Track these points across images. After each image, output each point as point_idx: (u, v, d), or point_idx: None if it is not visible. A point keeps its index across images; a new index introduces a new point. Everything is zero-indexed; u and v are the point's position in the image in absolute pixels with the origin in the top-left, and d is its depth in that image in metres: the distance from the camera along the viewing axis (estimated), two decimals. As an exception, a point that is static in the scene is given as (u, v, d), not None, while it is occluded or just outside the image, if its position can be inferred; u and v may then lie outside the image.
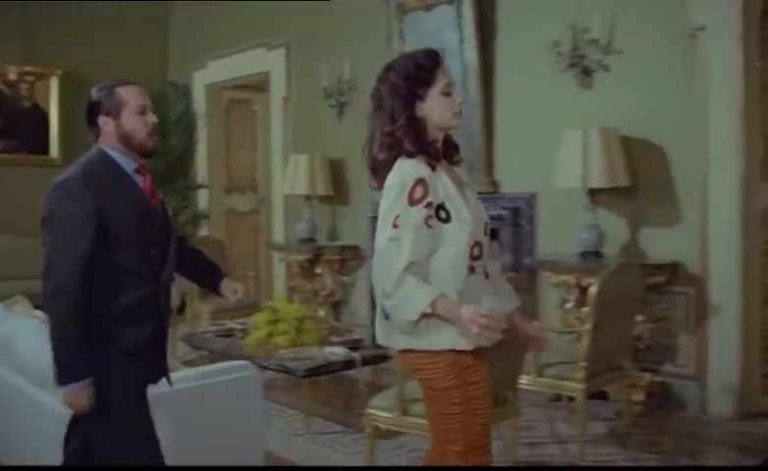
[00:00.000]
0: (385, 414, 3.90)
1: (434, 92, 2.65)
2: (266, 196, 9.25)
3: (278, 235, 8.51)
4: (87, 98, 2.91)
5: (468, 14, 6.18)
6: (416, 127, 2.63)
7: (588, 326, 4.30)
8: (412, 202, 2.54)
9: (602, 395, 5.18)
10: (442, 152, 2.71)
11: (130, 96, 2.89)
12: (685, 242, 5.21)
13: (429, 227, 2.55)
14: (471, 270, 2.62)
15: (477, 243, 2.63)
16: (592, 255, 5.32)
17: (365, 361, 4.90)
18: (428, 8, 6.52)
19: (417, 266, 2.53)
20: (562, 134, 5.41)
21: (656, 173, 5.36)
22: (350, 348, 4.93)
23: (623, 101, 5.50)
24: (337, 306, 7.50)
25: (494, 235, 6.23)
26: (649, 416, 5.14)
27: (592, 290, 4.29)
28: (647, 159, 5.39)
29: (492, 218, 6.06)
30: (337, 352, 4.84)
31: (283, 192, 8.08)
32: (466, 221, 2.60)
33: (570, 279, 5.29)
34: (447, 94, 2.67)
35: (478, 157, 6.23)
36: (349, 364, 4.81)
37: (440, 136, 2.70)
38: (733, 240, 5.03)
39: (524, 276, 5.89)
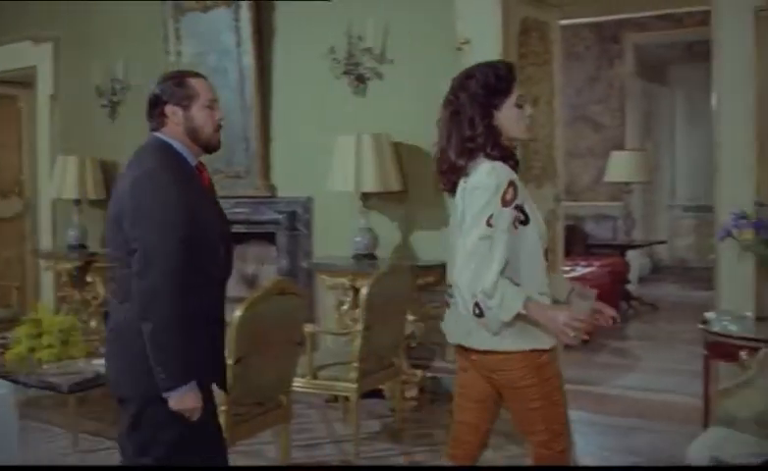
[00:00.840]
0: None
1: (509, 103, 2.73)
2: (32, 200, 8.65)
3: (46, 242, 7.97)
4: (157, 85, 2.77)
5: (246, 17, 6.15)
6: (495, 134, 2.70)
7: (360, 326, 4.42)
8: (505, 203, 2.60)
9: (378, 393, 5.33)
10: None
11: (201, 89, 2.78)
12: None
13: (515, 228, 2.64)
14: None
15: (548, 249, 2.80)
16: (366, 258, 5.47)
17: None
18: (206, 9, 6.40)
19: (506, 267, 2.59)
20: (336, 139, 5.52)
21: (426, 178, 5.57)
22: (120, 359, 4.71)
23: (395, 108, 5.71)
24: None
25: (271, 239, 6.26)
26: (422, 411, 5.37)
27: (363, 292, 4.41)
28: (418, 164, 5.62)
29: (269, 222, 6.21)
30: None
31: (50, 196, 7.58)
32: (539, 223, 2.73)
33: (344, 281, 5.41)
34: (519, 106, 2.75)
35: (255, 161, 6.21)
36: (119, 376, 4.59)
37: (510, 146, 2.77)
38: (494, 241, 5.36)
39: (302, 279, 5.96)
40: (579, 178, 10.93)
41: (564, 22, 6.46)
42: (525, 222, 2.68)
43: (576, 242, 9.71)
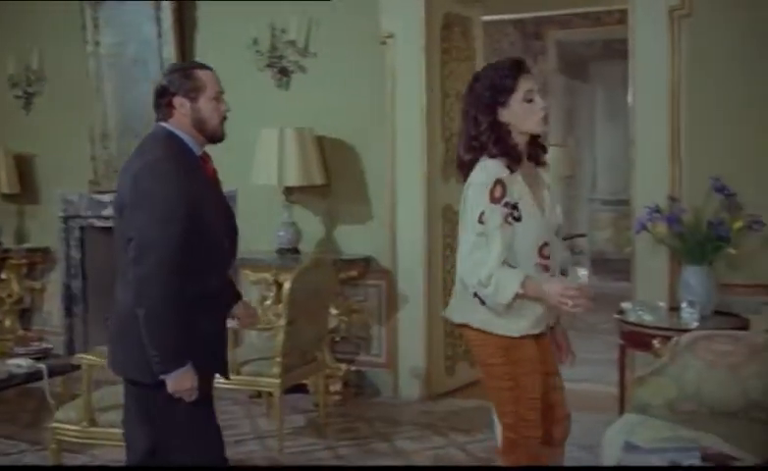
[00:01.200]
0: (71, 427, 3.69)
1: (516, 98, 2.79)
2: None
3: (-44, 239, 7.67)
4: (165, 76, 2.82)
5: (168, 7, 6.02)
6: (499, 131, 2.80)
7: (283, 321, 4.39)
8: (494, 200, 2.74)
9: (302, 388, 5.32)
10: (530, 154, 2.87)
11: (209, 80, 2.82)
12: (377, 238, 5.52)
13: (509, 224, 2.76)
14: (545, 268, 2.83)
15: (546, 244, 2.83)
16: (289, 252, 5.45)
17: (54, 371, 4.59)
18: (125, -2, 6.25)
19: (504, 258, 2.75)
20: (259, 133, 5.47)
21: (349, 172, 5.61)
22: (36, 359, 4.60)
23: (318, 102, 5.68)
24: (26, 314, 6.94)
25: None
26: (346, 404, 5.38)
27: (286, 287, 4.39)
28: (341, 158, 5.63)
29: None
30: (21, 364, 4.51)
31: (-40, 191, 7.29)
32: (535, 221, 2.80)
33: (268, 276, 5.37)
34: (529, 101, 2.79)
35: (177, 154, 6.09)
36: (34, 376, 4.48)
37: (523, 140, 2.84)
38: (418, 235, 5.42)
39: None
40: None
41: (487, 18, 6.54)
42: (518, 219, 2.78)
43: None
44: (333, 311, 5.29)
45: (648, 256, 4.75)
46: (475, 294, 2.79)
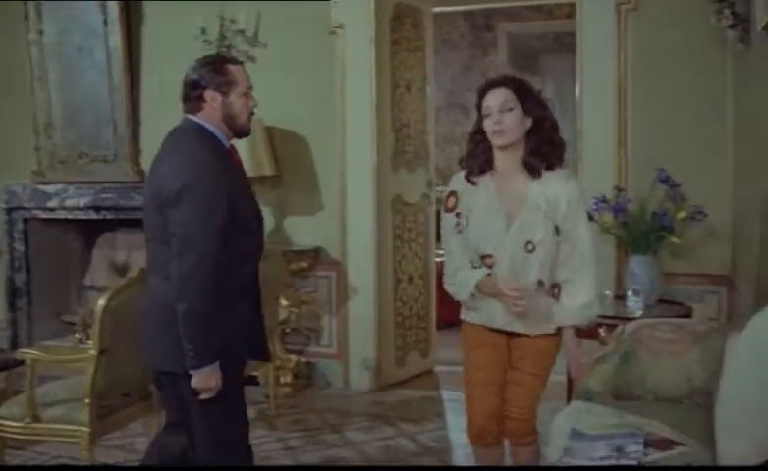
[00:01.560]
0: (14, 423, 3.61)
1: (484, 113, 3.00)
2: None
3: None
4: (196, 69, 2.82)
5: (113, -5, 5.91)
6: (475, 142, 3.06)
7: (232, 313, 4.35)
8: (447, 210, 3.09)
9: (252, 380, 5.28)
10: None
11: (240, 76, 2.85)
12: (327, 229, 5.51)
13: (459, 232, 3.04)
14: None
15: (489, 255, 3.00)
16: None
17: (-6, 367, 4.48)
18: (70, -14, 6.11)
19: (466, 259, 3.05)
20: (208, 123, 5.40)
21: (299, 162, 5.58)
22: (-25, 354, 4.49)
23: (267, 92, 5.57)
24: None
25: (142, 225, 6.06)
26: (297, 396, 5.36)
27: (235, 278, 4.35)
28: (291, 149, 5.59)
29: (139, 208, 5.95)
30: (-44, 360, 4.39)
31: None
32: (478, 233, 3.00)
33: (217, 267, 5.31)
34: (486, 115, 2.97)
35: (123, 145, 5.99)
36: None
37: (497, 152, 3.01)
38: (368, 226, 5.42)
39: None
40: (454, 163, 11.11)
41: (437, 9, 6.56)
42: (461, 231, 3.04)
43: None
44: (283, 302, 5.26)
45: (595, 246, 4.81)
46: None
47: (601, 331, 3.96)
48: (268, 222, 5.61)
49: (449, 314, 7.14)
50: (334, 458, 4.30)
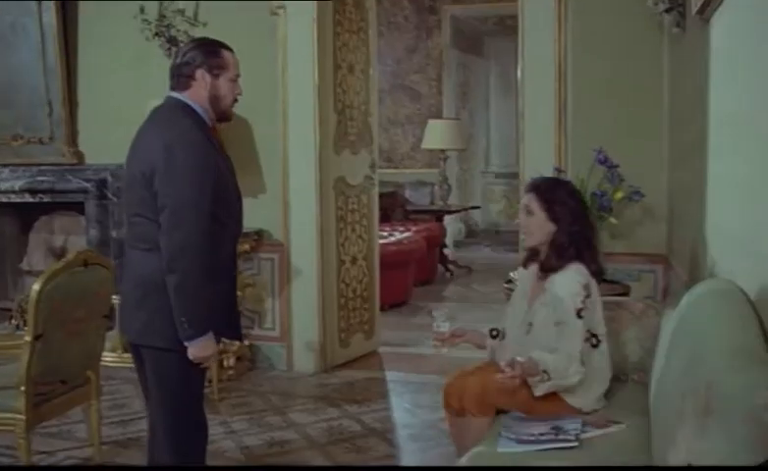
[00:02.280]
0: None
1: None
2: None
3: None
4: (190, 49, 2.90)
5: (49, -28, 5.75)
6: None
7: (173, 297, 4.29)
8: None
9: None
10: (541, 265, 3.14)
11: (231, 62, 2.91)
12: (270, 210, 5.47)
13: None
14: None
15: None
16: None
17: None
18: (1, -39, 5.92)
19: None
20: (147, 104, 5.30)
21: (240, 144, 5.50)
22: None
23: (209, 73, 5.55)
24: None
25: (80, 208, 5.96)
26: (240, 379, 5.34)
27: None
28: (233, 131, 5.48)
29: (76, 191, 5.90)
30: None
31: None
32: (508, 310, 3.36)
33: (158, 251, 5.24)
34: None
35: (60, 126, 5.86)
36: None
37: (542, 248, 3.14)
38: (311, 207, 5.40)
39: (113, 249, 5.73)
40: (399, 145, 11.17)
41: (381, -9, 6.52)
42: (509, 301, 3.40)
43: (395, 208, 9.95)
44: (226, 286, 5.22)
45: (535, 227, 4.88)
46: None
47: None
48: (210, 204, 5.57)
49: (392, 295, 7.23)
50: (278, 440, 4.29)
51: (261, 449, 4.19)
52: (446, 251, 9.36)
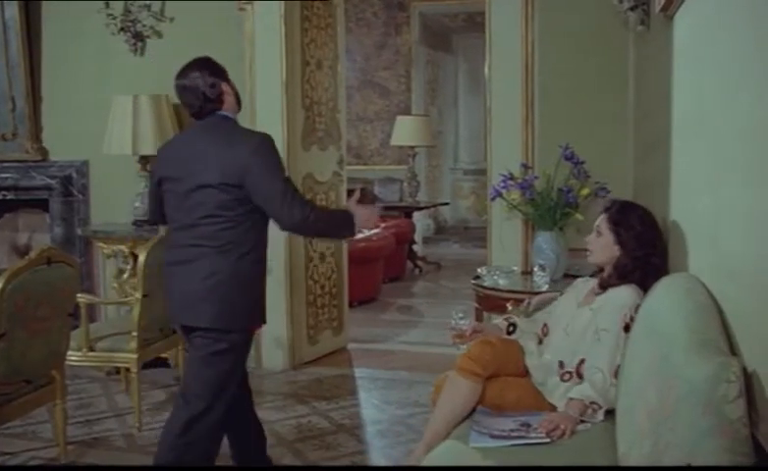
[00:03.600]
0: None
1: None
2: None
3: None
4: (201, 76, 3.17)
5: (9, -36, 5.65)
6: None
7: (139, 294, 4.26)
8: None
9: (163, 362, 5.20)
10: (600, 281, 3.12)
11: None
12: (237, 208, 5.41)
13: None
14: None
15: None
16: (146, 223, 5.27)
17: None
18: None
19: None
20: (113, 100, 5.25)
21: (208, 140, 5.47)
22: None
23: (175, 68, 5.44)
24: None
25: (44, 206, 5.88)
26: (209, 377, 5.29)
27: (141, 259, 4.26)
28: (200, 127, 5.47)
29: (41, 188, 5.83)
30: None
31: None
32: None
33: (124, 248, 5.19)
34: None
35: (23, 122, 5.76)
36: None
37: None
38: (279, 205, 5.35)
39: (78, 247, 5.66)
40: (368, 141, 11.17)
41: (349, -13, 6.50)
42: None
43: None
44: (193, 283, 5.18)
45: (503, 223, 4.91)
46: None
47: (508, 305, 4.04)
48: (177, 201, 5.52)
49: (361, 292, 7.23)
50: (246, 438, 4.27)
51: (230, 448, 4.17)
52: (415, 248, 9.37)
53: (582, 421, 2.79)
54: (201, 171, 3.09)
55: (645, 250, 3.02)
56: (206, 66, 3.21)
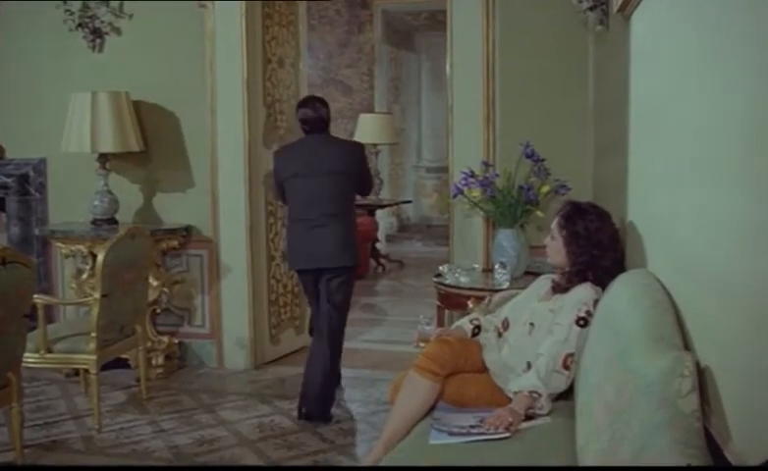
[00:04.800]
0: None
1: None
2: None
3: None
4: (323, 108, 4.60)
5: (-38, -41, 5.55)
6: None
7: (97, 294, 4.21)
8: None
9: (124, 363, 5.14)
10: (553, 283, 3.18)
11: None
12: (198, 206, 5.39)
13: None
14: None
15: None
16: (106, 222, 5.21)
17: None
18: None
19: None
20: (71, 97, 5.18)
21: (168, 138, 5.43)
22: None
23: (134, 65, 5.45)
24: None
25: (0, 204, 5.77)
26: (170, 377, 5.26)
27: (99, 259, 4.20)
28: (159, 124, 5.43)
29: None
30: None
31: None
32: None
33: (83, 248, 5.12)
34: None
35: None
36: None
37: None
38: (240, 203, 5.33)
39: (36, 247, 5.57)
40: (331, 140, 11.12)
41: (311, -16, 6.47)
42: None
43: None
44: (153, 282, 5.14)
45: (464, 220, 4.94)
46: None
47: (469, 302, 4.06)
48: (137, 200, 5.48)
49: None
50: (208, 438, 4.24)
51: (191, 448, 4.14)
52: (378, 246, 9.38)
53: (531, 416, 2.82)
54: (323, 163, 4.44)
55: (594, 251, 3.03)
56: (324, 102, 4.63)
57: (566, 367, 2.86)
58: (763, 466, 1.33)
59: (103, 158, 5.22)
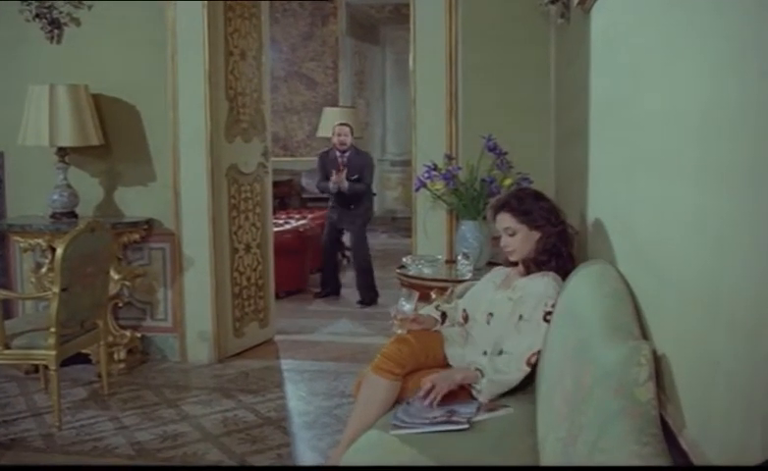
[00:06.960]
0: None
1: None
2: None
3: None
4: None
5: None
6: None
7: (56, 289, 4.15)
8: None
9: (85, 358, 5.08)
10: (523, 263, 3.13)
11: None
12: (159, 199, 5.34)
13: None
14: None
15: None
16: (65, 216, 5.13)
17: None
18: None
19: None
20: (28, 90, 5.09)
21: (129, 131, 5.37)
22: None
23: (94, 58, 5.37)
24: None
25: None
26: (132, 372, 5.20)
27: (58, 252, 4.14)
28: (119, 117, 5.36)
29: None
30: None
31: None
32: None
33: (42, 242, 5.04)
34: (500, 235, 3.18)
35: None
36: None
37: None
38: (202, 196, 5.30)
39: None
40: (295, 133, 11.11)
41: (273, -24, 6.43)
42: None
43: (292, 196, 9.88)
44: (115, 276, 5.08)
45: (428, 213, 4.96)
46: None
47: (433, 293, 4.08)
48: (97, 193, 5.42)
49: (288, 283, 7.20)
50: (171, 434, 4.21)
51: (153, 444, 4.10)
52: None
53: (494, 408, 2.84)
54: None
55: (561, 222, 3.11)
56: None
57: (529, 364, 2.88)
58: (763, 466, 1.33)
59: (62, 152, 5.14)
